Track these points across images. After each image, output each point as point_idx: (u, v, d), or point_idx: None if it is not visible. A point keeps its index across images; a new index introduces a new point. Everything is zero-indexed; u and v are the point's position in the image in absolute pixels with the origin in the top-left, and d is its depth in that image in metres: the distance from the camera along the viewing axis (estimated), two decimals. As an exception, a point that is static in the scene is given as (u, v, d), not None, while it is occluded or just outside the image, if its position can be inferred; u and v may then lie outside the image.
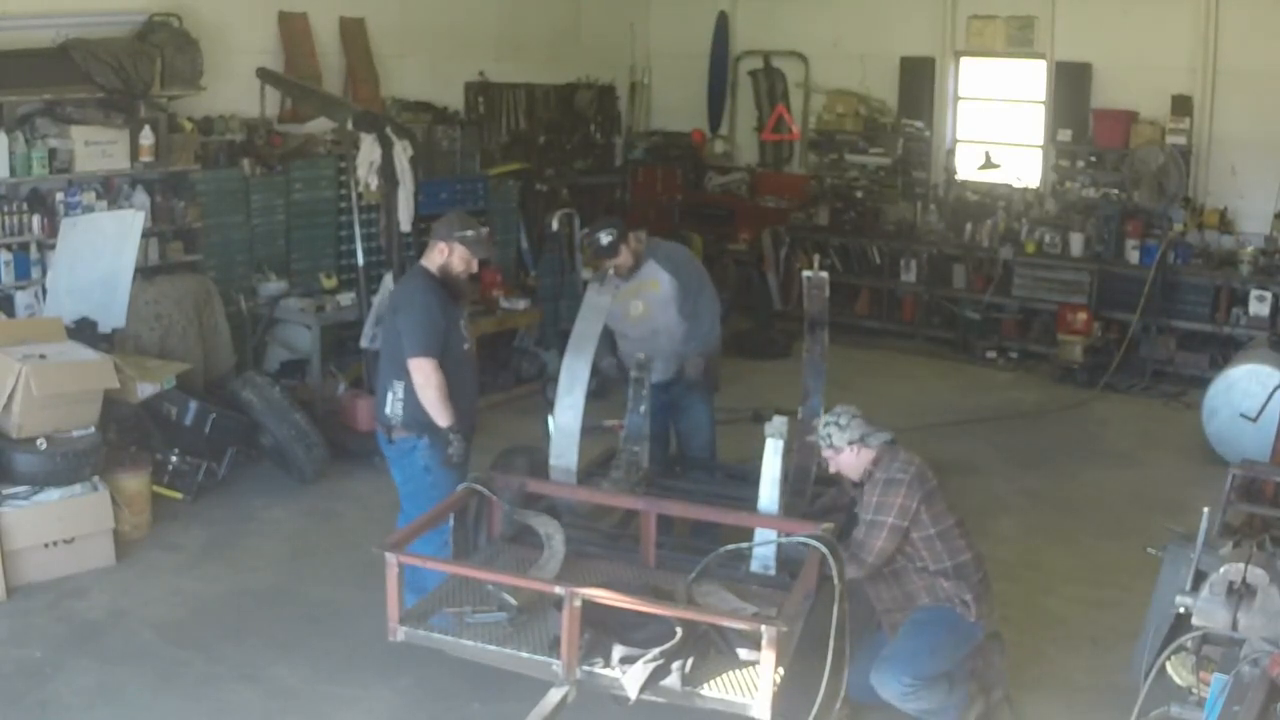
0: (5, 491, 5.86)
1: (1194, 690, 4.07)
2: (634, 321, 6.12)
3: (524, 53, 11.52)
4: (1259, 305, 9.54)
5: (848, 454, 4.70)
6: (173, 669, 5.13)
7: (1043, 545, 6.66)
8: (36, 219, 7.39)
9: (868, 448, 4.66)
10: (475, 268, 5.39)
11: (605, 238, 5.96)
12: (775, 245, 11.00)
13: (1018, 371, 10.49)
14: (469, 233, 5.28)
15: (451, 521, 4.85)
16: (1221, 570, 3.68)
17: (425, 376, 5.08)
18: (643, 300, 6.10)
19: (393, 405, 5.21)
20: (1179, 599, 3.83)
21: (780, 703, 3.96)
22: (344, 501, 7.11)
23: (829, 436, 4.71)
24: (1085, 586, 6.17)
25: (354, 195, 8.01)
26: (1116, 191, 10.49)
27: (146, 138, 7.75)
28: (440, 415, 5.12)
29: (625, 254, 5.96)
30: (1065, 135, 10.92)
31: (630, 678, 4.01)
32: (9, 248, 7.34)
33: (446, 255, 5.26)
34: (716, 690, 4.03)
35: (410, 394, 5.16)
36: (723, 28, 12.77)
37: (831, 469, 4.86)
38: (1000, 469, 7.93)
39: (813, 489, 5.65)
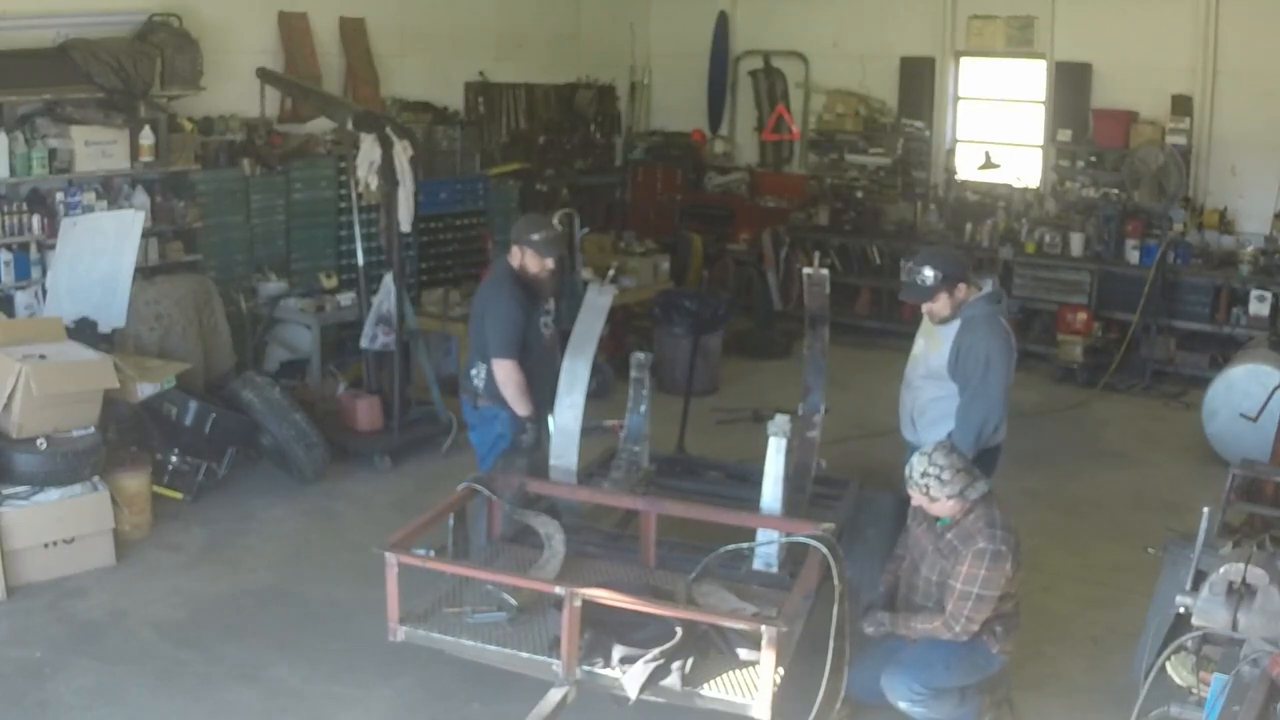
0: (5, 491, 5.86)
1: (1194, 690, 4.07)
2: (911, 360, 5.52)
3: (524, 53, 11.52)
4: (1259, 305, 9.55)
5: (943, 503, 4.48)
6: (173, 669, 5.12)
7: (1043, 545, 6.64)
8: (36, 219, 7.39)
9: (965, 500, 4.48)
10: (550, 265, 5.68)
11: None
12: (775, 245, 10.98)
13: (1017, 372, 10.44)
14: (535, 236, 5.61)
15: (451, 521, 4.86)
16: (1221, 570, 3.69)
17: (506, 375, 5.50)
18: (924, 338, 5.46)
19: (479, 378, 5.65)
20: (1179, 599, 3.84)
21: (780, 703, 3.96)
22: (344, 501, 7.11)
23: (927, 487, 4.43)
24: (1085, 586, 6.17)
25: (354, 195, 8.00)
26: (1116, 191, 10.50)
27: (146, 138, 7.75)
28: (520, 407, 5.54)
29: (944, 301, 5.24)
30: (1065, 135, 10.92)
31: (630, 678, 4.01)
32: (9, 248, 7.34)
33: (520, 258, 5.63)
34: (716, 690, 4.03)
35: (492, 376, 5.57)
36: (723, 28, 12.77)
37: (914, 503, 4.61)
38: (1000, 468, 7.89)
39: (813, 487, 5.66)
